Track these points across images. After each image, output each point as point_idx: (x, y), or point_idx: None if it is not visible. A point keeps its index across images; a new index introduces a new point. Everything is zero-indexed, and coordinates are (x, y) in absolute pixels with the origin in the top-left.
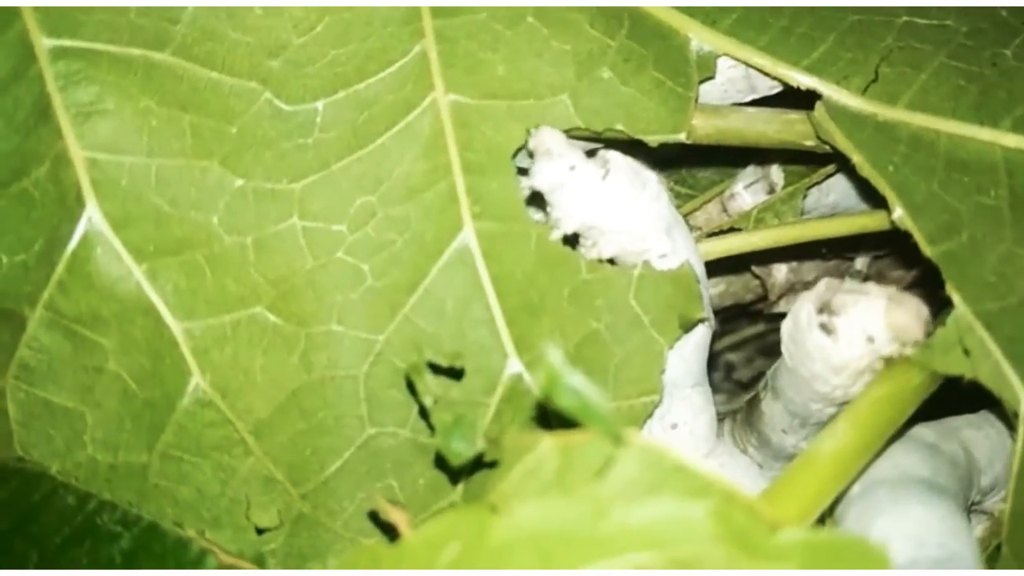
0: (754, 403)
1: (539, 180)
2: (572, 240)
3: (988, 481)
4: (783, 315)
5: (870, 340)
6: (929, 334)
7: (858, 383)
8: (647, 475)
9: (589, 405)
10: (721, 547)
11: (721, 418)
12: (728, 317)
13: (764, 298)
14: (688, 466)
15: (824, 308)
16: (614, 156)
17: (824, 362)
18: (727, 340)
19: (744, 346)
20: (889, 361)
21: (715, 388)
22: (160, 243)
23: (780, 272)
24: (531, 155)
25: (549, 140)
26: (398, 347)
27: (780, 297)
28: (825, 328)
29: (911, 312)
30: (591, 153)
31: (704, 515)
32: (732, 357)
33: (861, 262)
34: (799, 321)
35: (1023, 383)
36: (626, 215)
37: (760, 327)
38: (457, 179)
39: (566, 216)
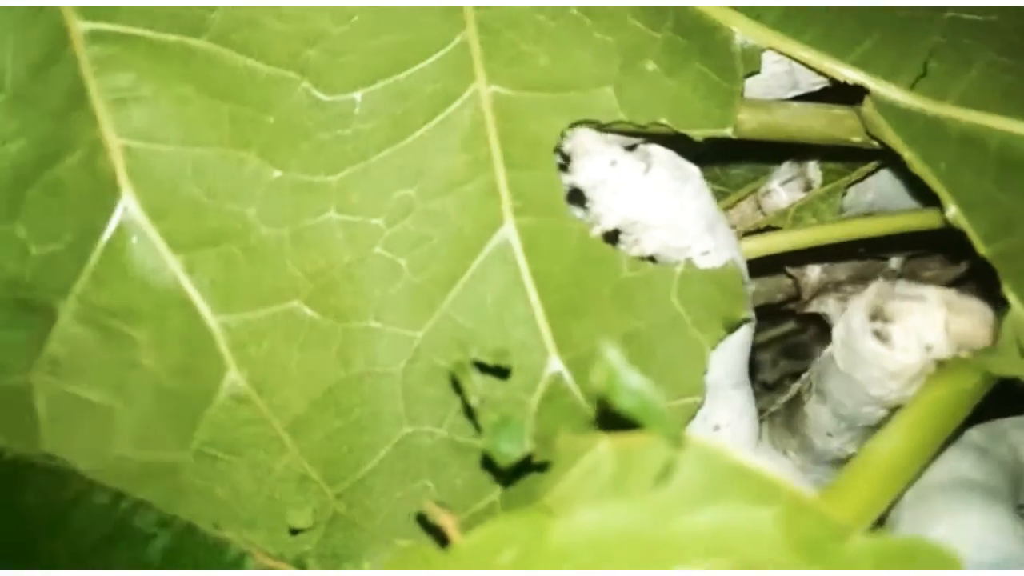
0: (795, 405)
1: (581, 177)
2: (612, 237)
3: None
4: (811, 316)
5: (928, 349)
6: (996, 339)
7: (913, 386)
8: (709, 479)
9: (649, 406)
10: (790, 553)
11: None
12: (758, 316)
13: (795, 298)
14: (752, 470)
15: (877, 315)
16: (656, 150)
17: (880, 368)
18: (755, 339)
19: (769, 347)
20: (943, 363)
21: None
22: (197, 234)
23: (813, 272)
24: (566, 157)
25: (586, 140)
26: (437, 344)
27: (812, 297)
28: (879, 335)
29: (976, 318)
30: (631, 147)
31: (772, 520)
32: (760, 357)
33: (896, 262)
34: (852, 328)
35: None
36: (668, 210)
37: (784, 328)
38: (498, 173)
39: (608, 212)
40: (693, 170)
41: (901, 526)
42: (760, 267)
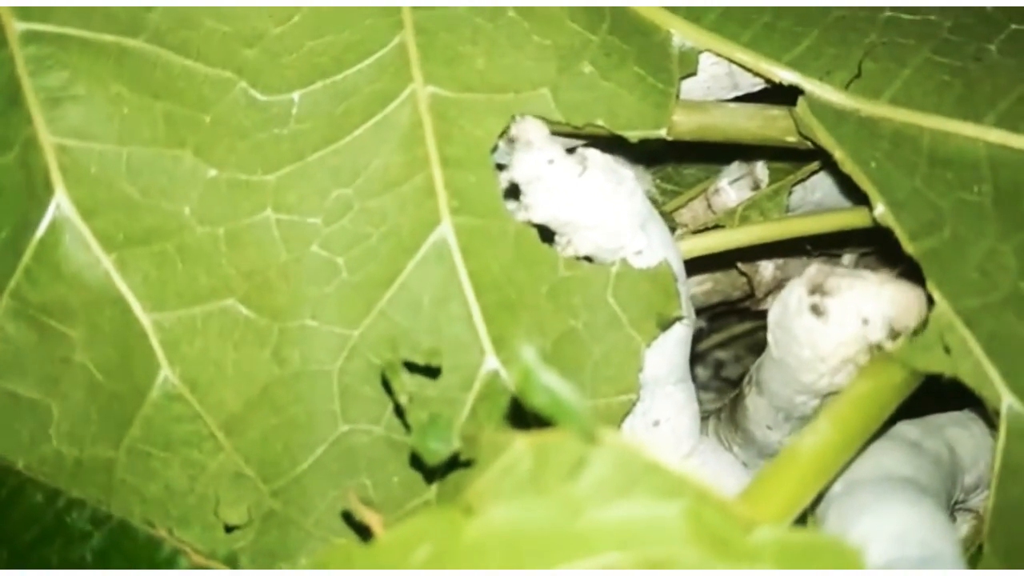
0: (738, 400)
1: (517, 172)
2: (548, 236)
3: (972, 479)
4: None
5: (864, 322)
6: (918, 330)
7: (843, 373)
8: (620, 474)
9: (562, 403)
10: (694, 547)
11: (706, 416)
12: (717, 314)
13: (752, 295)
14: (661, 465)
15: (816, 289)
16: (592, 153)
17: (812, 347)
18: (716, 337)
19: (733, 343)
20: (871, 358)
21: (704, 386)
22: (130, 232)
23: (767, 269)
24: (511, 143)
25: (531, 131)
26: (373, 342)
27: (767, 294)
28: (816, 310)
29: (912, 296)
30: (570, 150)
31: (677, 515)
32: (721, 355)
33: (848, 259)
34: (788, 305)
35: (1004, 381)
36: (601, 212)
37: (749, 324)
38: (435, 172)
39: (538, 207)
40: (627, 174)
41: (828, 520)
42: (715, 265)
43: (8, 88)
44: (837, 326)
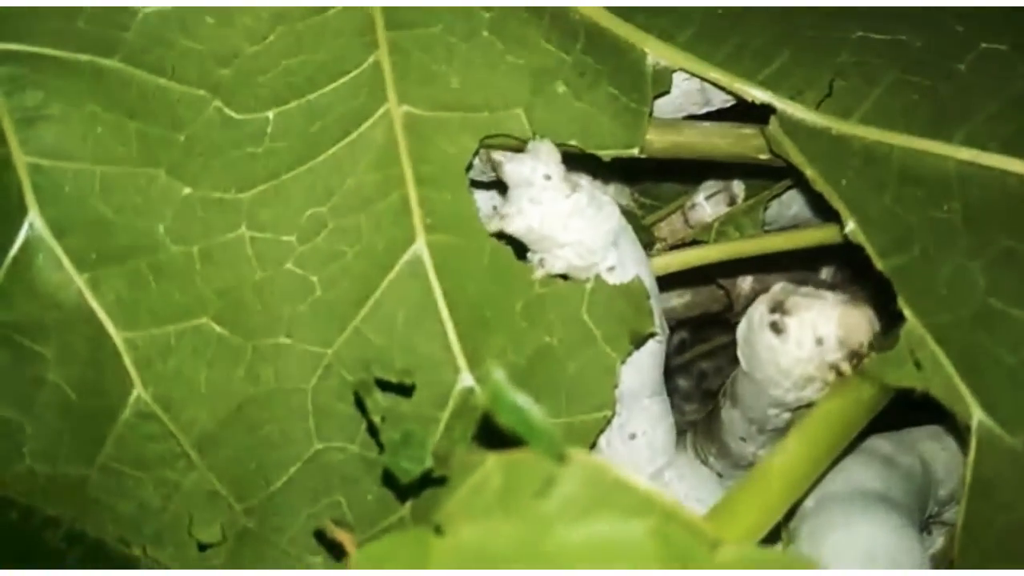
0: (714, 412)
1: (511, 172)
2: (523, 254)
3: (946, 493)
4: None
5: (819, 342)
6: (873, 345)
7: (809, 388)
8: (588, 493)
9: (531, 423)
10: (661, 565)
11: (683, 429)
12: (700, 325)
13: (731, 308)
14: (629, 483)
15: (777, 308)
16: (583, 180)
17: (774, 364)
18: (699, 348)
19: (716, 355)
20: (841, 375)
21: (687, 396)
22: (103, 251)
23: (745, 283)
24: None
25: (543, 147)
26: (348, 360)
27: (745, 307)
28: (775, 327)
29: (862, 317)
30: None
31: (644, 533)
32: (704, 365)
33: (826, 272)
34: (752, 322)
35: (974, 396)
36: (578, 231)
37: (731, 336)
38: (410, 191)
39: (516, 215)
40: (607, 199)
41: (800, 535)
42: (695, 278)
43: None
44: (795, 344)
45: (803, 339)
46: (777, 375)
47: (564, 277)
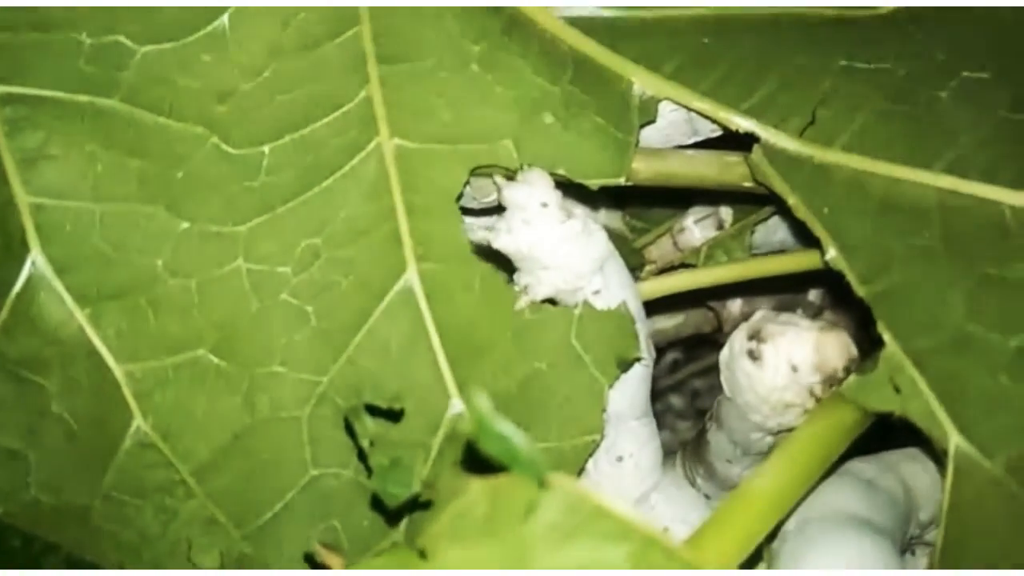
0: (702, 434)
1: (507, 193)
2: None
3: (927, 515)
4: None
5: (794, 369)
6: (849, 369)
7: (788, 414)
8: (569, 518)
9: (514, 450)
10: None
11: (672, 450)
12: (693, 345)
13: (721, 329)
14: (609, 509)
15: (754, 336)
16: (577, 209)
17: (752, 391)
18: (692, 367)
19: (709, 373)
20: (821, 399)
21: (681, 415)
22: (103, 287)
23: (735, 305)
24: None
25: (535, 175)
26: (342, 388)
27: (734, 329)
28: (752, 355)
29: (837, 342)
30: None
31: (623, 558)
32: (698, 384)
33: (814, 294)
34: (732, 348)
35: (952, 422)
36: (566, 257)
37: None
38: (401, 221)
39: (507, 231)
40: (597, 227)
41: (782, 557)
42: (686, 300)
43: None
44: (771, 371)
45: (779, 366)
46: (756, 401)
47: (551, 302)
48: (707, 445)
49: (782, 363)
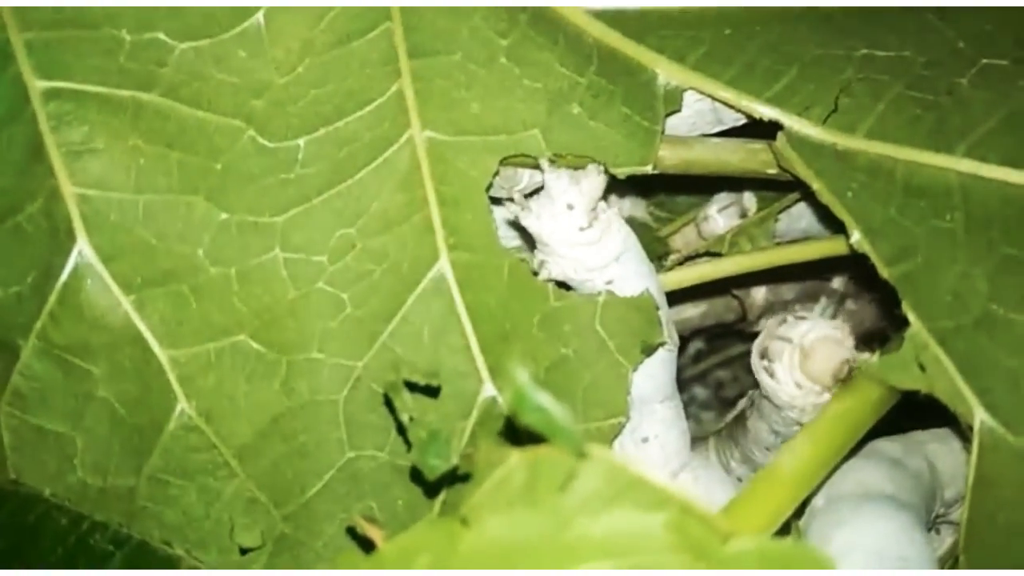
0: (739, 420)
1: (549, 176)
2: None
3: (953, 493)
4: None
5: (799, 386)
6: (850, 361)
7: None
8: (608, 487)
9: (553, 421)
10: (677, 556)
11: (705, 436)
12: (716, 336)
13: (745, 318)
14: (647, 479)
15: (764, 354)
16: (603, 215)
17: (778, 399)
18: (715, 358)
19: (732, 364)
20: (847, 379)
21: (705, 405)
22: (147, 275)
23: (759, 293)
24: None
25: (589, 178)
26: (376, 373)
27: (759, 317)
28: (768, 372)
29: (825, 353)
30: None
31: (661, 526)
32: (721, 375)
33: (838, 282)
34: (753, 363)
35: (977, 398)
36: (578, 250)
37: (747, 346)
38: (433, 211)
39: (531, 214)
40: (618, 224)
41: (810, 532)
42: (709, 288)
43: (32, 143)
44: (785, 385)
45: (788, 382)
46: (786, 405)
47: (566, 287)
48: (746, 432)
49: (790, 380)
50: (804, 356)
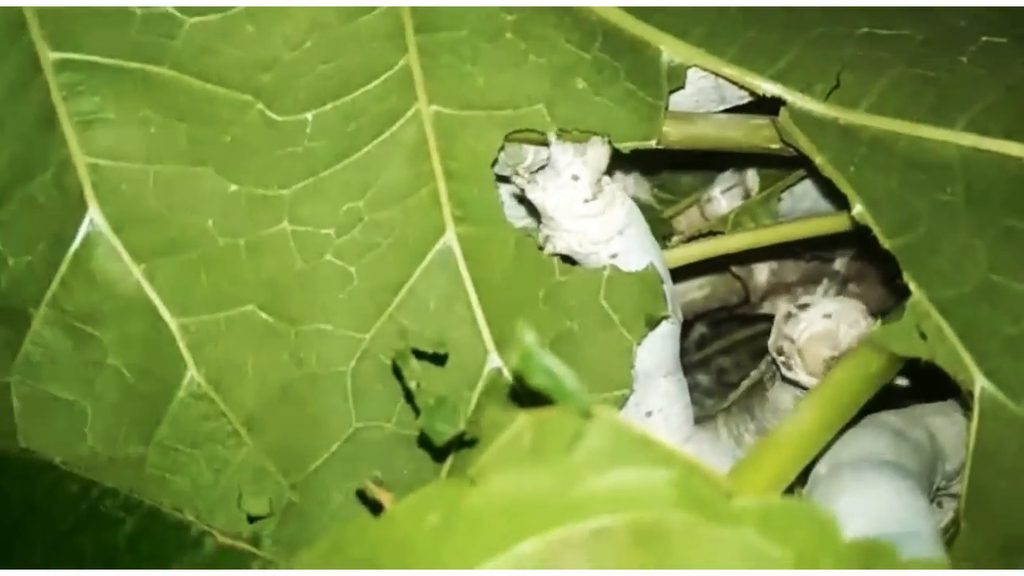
0: (757, 391)
1: (554, 150)
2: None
3: (953, 466)
4: (770, 316)
5: (812, 375)
6: (836, 358)
7: None
8: (613, 446)
9: (559, 382)
10: (681, 511)
11: (713, 415)
12: (718, 321)
13: (748, 301)
14: (652, 439)
15: (780, 352)
16: (608, 187)
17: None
18: (718, 344)
19: (735, 350)
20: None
21: (708, 392)
22: (157, 244)
23: (761, 273)
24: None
25: (595, 149)
26: (383, 345)
27: (762, 298)
28: (787, 366)
29: (819, 344)
30: None
31: (666, 482)
32: (723, 361)
33: (840, 263)
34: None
35: (977, 365)
36: (582, 224)
37: (749, 331)
38: (439, 185)
39: (536, 188)
40: (622, 198)
41: (813, 498)
42: (712, 270)
43: (44, 112)
44: (806, 378)
45: (806, 378)
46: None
47: (572, 261)
48: (765, 402)
49: (806, 376)
50: (803, 350)
